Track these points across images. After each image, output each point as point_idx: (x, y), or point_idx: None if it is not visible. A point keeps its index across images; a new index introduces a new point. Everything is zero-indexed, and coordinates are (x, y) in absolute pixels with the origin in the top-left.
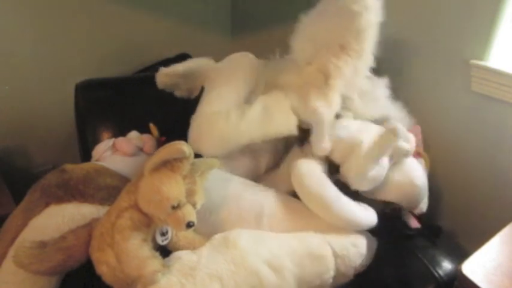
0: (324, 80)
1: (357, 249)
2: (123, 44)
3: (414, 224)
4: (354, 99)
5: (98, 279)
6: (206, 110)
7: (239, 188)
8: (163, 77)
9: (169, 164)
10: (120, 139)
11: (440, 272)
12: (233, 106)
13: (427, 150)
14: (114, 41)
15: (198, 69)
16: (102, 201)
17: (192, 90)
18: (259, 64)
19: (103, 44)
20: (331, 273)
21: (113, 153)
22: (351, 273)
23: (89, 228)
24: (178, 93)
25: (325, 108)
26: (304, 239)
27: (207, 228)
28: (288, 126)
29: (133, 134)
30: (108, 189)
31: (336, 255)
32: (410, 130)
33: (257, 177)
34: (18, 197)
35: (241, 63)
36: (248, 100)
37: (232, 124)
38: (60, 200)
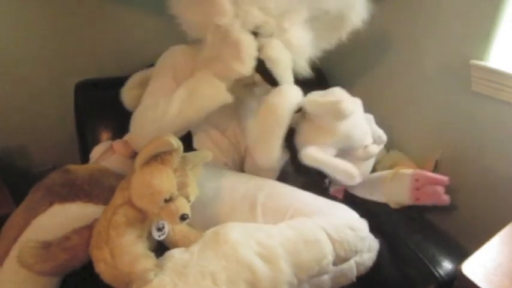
0: (225, 34)
1: (355, 233)
2: (123, 44)
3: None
4: (264, 20)
5: (97, 278)
6: (139, 107)
7: (231, 179)
8: (129, 91)
9: (159, 158)
10: (118, 141)
11: (441, 272)
12: (163, 97)
13: (427, 150)
14: (114, 40)
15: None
16: (106, 202)
17: None
18: (194, 51)
19: (103, 44)
20: (330, 258)
21: (111, 155)
22: (352, 261)
23: (91, 228)
24: None
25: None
26: (297, 225)
27: (203, 221)
28: (217, 95)
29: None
30: (112, 190)
31: (333, 240)
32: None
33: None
34: (18, 197)
35: (170, 56)
36: None
37: (160, 111)
38: (64, 199)
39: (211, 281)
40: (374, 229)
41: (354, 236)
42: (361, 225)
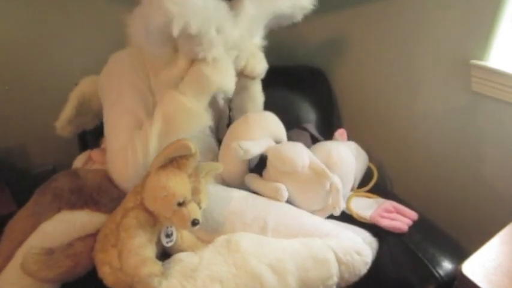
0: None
1: (361, 258)
2: (123, 44)
3: None
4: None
5: (98, 284)
6: (113, 147)
7: (240, 203)
8: (66, 127)
9: (175, 162)
10: (96, 150)
11: (441, 272)
12: (134, 126)
13: (426, 150)
14: (114, 40)
15: (82, 96)
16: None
17: (96, 114)
18: (140, 56)
19: (103, 44)
20: (335, 279)
21: (92, 164)
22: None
23: (95, 235)
24: (90, 126)
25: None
26: (307, 243)
27: None
28: (196, 119)
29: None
30: (120, 200)
31: (340, 262)
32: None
33: None
34: (18, 197)
35: (121, 73)
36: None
37: (140, 153)
38: (72, 206)
39: (220, 286)
40: (373, 229)
41: (360, 261)
42: (367, 251)
